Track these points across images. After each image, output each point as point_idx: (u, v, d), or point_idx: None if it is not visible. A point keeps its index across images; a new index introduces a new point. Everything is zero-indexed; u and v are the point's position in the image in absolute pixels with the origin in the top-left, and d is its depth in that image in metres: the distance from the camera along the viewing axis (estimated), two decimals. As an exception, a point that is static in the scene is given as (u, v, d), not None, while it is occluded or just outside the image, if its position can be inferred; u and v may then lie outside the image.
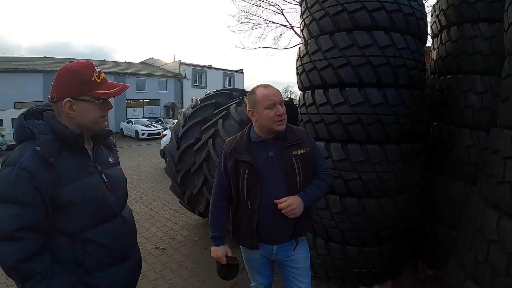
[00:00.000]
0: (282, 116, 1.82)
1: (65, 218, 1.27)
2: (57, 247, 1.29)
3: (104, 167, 1.47)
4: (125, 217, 1.51)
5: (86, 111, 1.33)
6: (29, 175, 1.17)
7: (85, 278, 1.34)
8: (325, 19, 2.79)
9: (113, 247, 1.40)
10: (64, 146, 1.30)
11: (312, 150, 1.96)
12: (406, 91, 2.69)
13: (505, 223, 1.60)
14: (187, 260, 4.00)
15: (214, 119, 4.14)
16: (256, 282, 2.20)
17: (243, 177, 1.85)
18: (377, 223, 2.76)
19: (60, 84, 1.32)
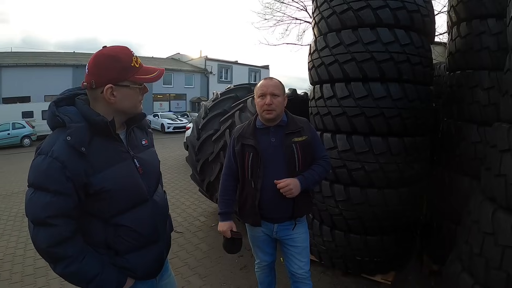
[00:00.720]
0: (269, 106, 2.00)
1: (97, 204, 1.30)
2: (89, 230, 1.32)
3: (137, 151, 1.46)
4: (156, 201, 1.51)
5: (126, 97, 1.33)
6: (61, 164, 1.18)
7: (115, 260, 1.37)
8: (332, 17, 2.94)
9: (142, 231, 1.41)
10: (95, 133, 1.28)
11: (311, 138, 2.14)
12: (409, 85, 2.79)
13: (499, 216, 1.63)
14: (203, 243, 4.29)
15: (231, 111, 4.35)
16: (260, 259, 2.43)
17: (248, 159, 2.07)
18: (379, 212, 2.88)
19: (101, 70, 1.27)
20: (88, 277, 1.29)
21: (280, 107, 2.04)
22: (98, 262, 1.31)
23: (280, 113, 2.07)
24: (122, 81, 1.30)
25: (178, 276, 3.42)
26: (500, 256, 1.57)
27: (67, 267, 1.25)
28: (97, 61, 1.29)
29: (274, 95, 2.01)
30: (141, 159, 1.46)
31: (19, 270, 3.69)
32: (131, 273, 1.42)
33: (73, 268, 1.25)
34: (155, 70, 1.39)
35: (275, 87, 2.04)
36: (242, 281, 3.35)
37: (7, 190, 7.70)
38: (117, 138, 1.37)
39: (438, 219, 3.26)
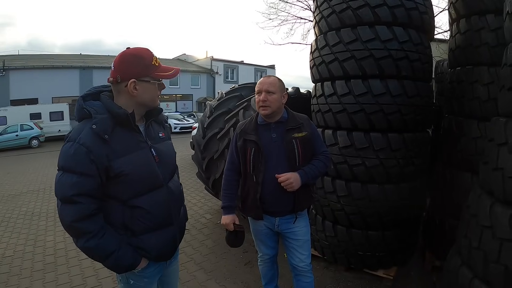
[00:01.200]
0: (264, 102, 2.09)
1: (117, 186, 1.44)
2: (109, 211, 1.47)
3: (154, 142, 1.61)
4: (170, 187, 1.64)
5: (146, 90, 1.49)
6: (86, 149, 1.34)
7: (132, 240, 1.51)
8: (332, 16, 3.00)
9: (157, 213, 1.54)
10: (117, 124, 1.44)
11: (311, 134, 2.21)
12: (408, 82, 2.83)
13: (497, 209, 1.64)
14: (208, 239, 4.39)
15: (236, 110, 4.42)
16: (262, 253, 2.50)
17: (250, 154, 2.15)
18: (380, 208, 2.92)
19: (126, 66, 1.45)
20: (105, 252, 1.43)
21: (275, 103, 2.10)
22: (116, 240, 1.46)
23: (276, 109, 2.12)
24: (143, 77, 1.47)
25: (184, 271, 3.51)
26: (498, 249, 1.58)
27: (88, 241, 1.39)
28: (123, 59, 1.47)
29: (269, 92, 2.09)
30: (157, 149, 1.61)
31: (28, 266, 3.80)
32: (146, 254, 1.56)
33: (92, 243, 1.39)
34: (172, 69, 1.57)
35: (270, 85, 2.11)
36: (246, 276, 3.41)
37: (16, 190, 7.87)
38: (136, 129, 1.53)
39: (440, 214, 3.28)
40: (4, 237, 4.75)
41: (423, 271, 3.38)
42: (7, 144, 17.46)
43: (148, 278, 1.64)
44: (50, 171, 10.23)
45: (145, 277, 1.62)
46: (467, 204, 2.09)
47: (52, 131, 19.97)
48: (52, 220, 5.42)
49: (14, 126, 18.07)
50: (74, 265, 3.77)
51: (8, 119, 18.84)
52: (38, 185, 8.33)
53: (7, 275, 3.58)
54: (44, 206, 6.34)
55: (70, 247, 4.22)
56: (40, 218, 5.60)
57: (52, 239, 4.60)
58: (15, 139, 17.75)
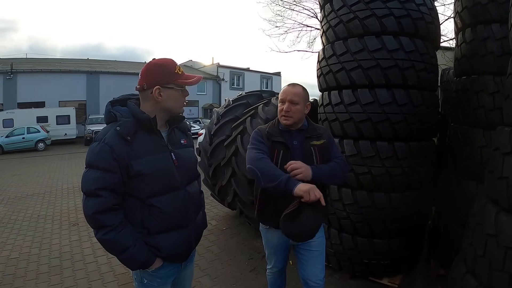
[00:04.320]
0: (286, 113, 2.04)
1: (136, 185, 1.54)
2: (129, 209, 1.57)
3: (175, 147, 1.70)
4: (188, 191, 1.71)
5: (171, 97, 1.60)
6: (110, 148, 1.46)
7: (147, 239, 1.59)
8: (339, 26, 3.04)
9: (173, 214, 1.62)
10: (140, 128, 1.56)
11: (328, 142, 2.17)
12: (414, 91, 2.86)
13: (502, 218, 1.65)
14: (214, 245, 4.39)
15: (243, 118, 4.46)
16: (272, 265, 2.43)
17: (278, 156, 2.05)
18: (385, 216, 2.94)
19: (151, 75, 1.58)
20: (122, 247, 1.52)
21: (298, 114, 2.06)
22: (133, 236, 1.55)
23: (298, 120, 2.08)
24: (167, 84, 1.59)
25: (189, 277, 3.53)
26: (502, 257, 1.58)
27: (106, 234, 1.49)
28: (149, 68, 1.61)
29: (293, 103, 2.04)
30: (177, 154, 1.70)
31: (34, 268, 3.83)
32: (159, 253, 1.63)
33: (110, 236, 1.49)
34: (194, 76, 1.69)
35: (294, 95, 2.06)
36: (251, 283, 3.41)
37: (22, 192, 7.94)
38: (158, 133, 1.64)
39: (446, 223, 3.28)
40: (10, 239, 4.80)
41: (428, 280, 3.36)
42: (14, 147, 17.66)
43: (161, 279, 1.70)
44: (56, 174, 10.32)
45: (158, 277, 1.69)
46: (472, 213, 2.09)
47: (58, 135, 20.15)
48: (58, 223, 5.47)
49: (21, 128, 18.25)
50: (79, 269, 3.80)
51: (15, 121, 19.03)
52: (44, 188, 8.39)
53: (12, 277, 3.62)
54: (50, 209, 6.39)
55: (76, 250, 4.27)
56: (46, 221, 5.64)
57: (57, 242, 4.62)
58: (22, 142, 17.94)
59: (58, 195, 7.58)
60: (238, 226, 5.03)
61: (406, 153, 2.88)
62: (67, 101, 23.39)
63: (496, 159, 1.81)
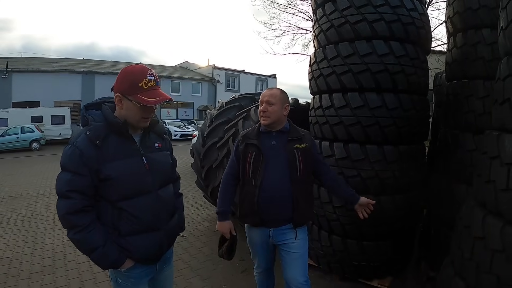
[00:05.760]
0: (263, 113, 2.18)
1: (107, 188, 1.56)
2: (101, 210, 1.60)
3: (148, 151, 1.71)
4: (160, 195, 1.72)
5: (129, 109, 1.59)
6: (80, 152, 1.50)
7: (118, 240, 1.61)
8: (331, 30, 3.07)
9: (143, 217, 1.63)
10: (112, 132, 1.58)
11: (311, 146, 2.29)
12: (404, 95, 2.89)
13: (489, 221, 1.66)
14: (205, 247, 4.42)
15: (235, 120, 4.48)
16: (257, 264, 2.49)
17: (251, 157, 2.20)
18: (375, 218, 2.90)
19: (119, 80, 1.59)
20: (91, 246, 1.56)
21: (274, 114, 2.17)
22: (103, 236, 1.57)
23: (276, 120, 2.19)
24: (127, 95, 1.58)
25: (181, 277, 3.56)
26: (489, 260, 1.60)
27: (76, 233, 1.53)
28: (121, 72, 1.61)
29: (269, 103, 2.16)
30: (150, 157, 1.71)
31: (27, 268, 3.83)
32: (130, 254, 1.65)
33: (80, 236, 1.54)
34: (159, 96, 1.61)
35: (270, 96, 2.19)
36: (242, 284, 3.43)
37: (15, 192, 7.91)
38: (130, 137, 1.65)
39: (436, 225, 3.30)
40: (3, 238, 4.79)
41: (418, 282, 3.38)
42: (8, 146, 17.54)
43: (135, 279, 1.72)
44: (50, 174, 10.26)
45: (131, 277, 1.71)
46: (460, 216, 2.11)
47: (53, 135, 20.00)
48: (51, 223, 5.45)
49: (15, 128, 18.14)
50: (72, 268, 3.80)
51: (10, 121, 18.91)
52: (38, 188, 8.37)
53: (5, 276, 3.62)
54: (44, 209, 6.38)
55: (69, 250, 4.25)
56: (40, 221, 5.63)
57: (50, 242, 4.62)
58: (16, 141, 17.83)
59: (52, 195, 7.54)
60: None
61: (395, 156, 2.91)
62: (62, 101, 23.30)
63: (484, 163, 1.83)
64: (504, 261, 1.55)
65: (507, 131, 1.67)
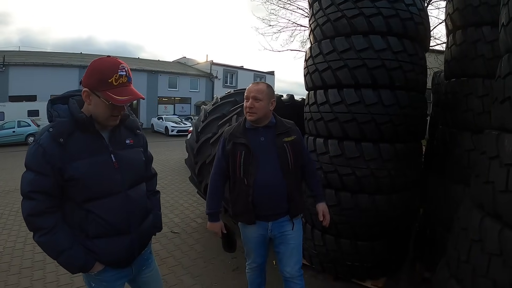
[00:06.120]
0: (250, 109, 2.14)
1: (72, 189, 1.46)
2: (67, 211, 1.50)
3: (118, 148, 1.58)
4: (130, 195, 1.60)
5: (97, 105, 1.46)
6: (43, 150, 1.39)
7: (86, 243, 1.51)
8: (327, 24, 2.99)
9: (111, 220, 1.52)
10: (78, 128, 1.45)
11: (299, 138, 2.29)
12: (401, 92, 2.82)
13: (486, 223, 1.62)
14: (197, 244, 4.36)
15: (229, 115, 4.41)
16: (251, 260, 2.46)
17: (240, 157, 2.15)
18: (369, 218, 2.90)
19: (87, 74, 1.45)
20: (57, 249, 1.47)
21: (261, 110, 2.13)
22: (68, 238, 1.48)
23: (263, 116, 2.16)
24: (96, 91, 1.45)
25: (171, 275, 3.51)
26: (486, 264, 1.55)
27: (41, 236, 1.45)
28: (90, 66, 1.48)
29: (256, 99, 2.12)
30: (119, 155, 1.59)
31: (17, 263, 3.77)
32: (98, 258, 1.55)
33: (45, 239, 1.45)
34: (131, 94, 1.49)
35: (257, 91, 2.15)
36: (233, 282, 3.38)
37: (10, 186, 7.81)
38: (97, 134, 1.52)
39: (432, 225, 3.26)
40: (-5, 233, 4.72)
41: (413, 282, 3.33)
42: (4, 140, 17.36)
43: (106, 283, 1.64)
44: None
45: (103, 281, 1.63)
46: (457, 216, 2.08)
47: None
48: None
49: (12, 122, 18.00)
50: (62, 264, 3.73)
51: (6, 115, 18.78)
52: (31, 183, 8.23)
53: (-5, 271, 3.56)
54: (36, 205, 6.27)
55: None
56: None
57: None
58: (12, 136, 17.67)
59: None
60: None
61: (391, 154, 2.84)
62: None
63: (483, 163, 1.79)
64: (501, 265, 1.50)
65: (507, 130, 1.62)
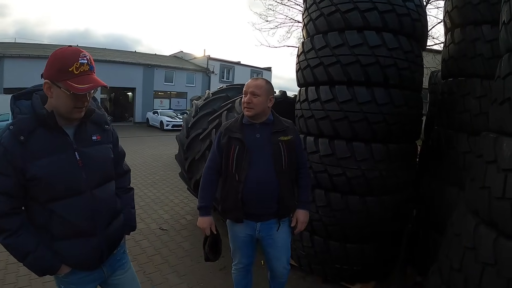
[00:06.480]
0: (248, 104, 2.10)
1: (35, 188, 1.39)
2: (31, 212, 1.45)
3: (83, 144, 1.51)
4: (96, 195, 1.53)
5: (59, 97, 1.39)
6: (4, 149, 1.32)
7: (51, 243, 1.46)
8: (320, 19, 2.89)
9: (75, 221, 1.46)
10: (40, 124, 1.39)
11: (295, 139, 2.24)
12: (396, 91, 2.73)
13: (481, 231, 1.57)
14: (186, 241, 4.27)
15: (219, 111, 4.33)
16: (238, 260, 2.41)
17: (234, 152, 2.12)
18: (360, 220, 2.82)
19: (48, 65, 1.38)
20: (22, 252, 1.42)
21: (259, 106, 2.09)
22: (34, 240, 1.42)
23: (260, 111, 2.12)
24: (57, 81, 1.37)
25: (157, 273, 3.44)
26: (480, 273, 1.50)
27: (6, 239, 1.39)
28: (50, 56, 1.40)
29: (254, 95, 2.09)
30: (84, 152, 1.50)
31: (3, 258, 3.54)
32: (64, 260, 1.50)
33: (10, 241, 1.39)
34: (92, 82, 1.40)
35: (256, 87, 2.11)
36: (219, 282, 3.30)
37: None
38: (61, 130, 1.44)
39: (424, 228, 3.20)
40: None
41: (403, 286, 3.26)
42: (-2, 133, 17.17)
43: (75, 285, 1.58)
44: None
45: (71, 283, 1.58)
46: (451, 222, 2.02)
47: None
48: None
49: (6, 114, 17.68)
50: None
51: (0, 107, 18.54)
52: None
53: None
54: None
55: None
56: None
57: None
58: (6, 128, 17.48)
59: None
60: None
61: (384, 155, 2.76)
62: (54, 88, 23.02)
63: (479, 167, 1.72)
64: (495, 275, 1.43)
65: (505, 134, 1.55)
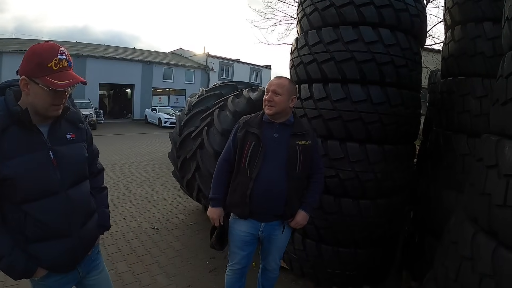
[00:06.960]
0: (268, 102, 2.08)
1: (8, 189, 1.35)
2: (5, 214, 1.39)
3: (57, 143, 1.47)
4: (70, 195, 1.51)
5: (36, 94, 1.35)
6: None
7: (26, 246, 1.42)
8: (314, 14, 2.79)
9: (49, 222, 1.43)
10: (13, 122, 1.34)
11: (313, 144, 2.20)
12: (392, 89, 2.62)
13: (480, 240, 1.48)
14: (177, 241, 4.18)
15: (212, 109, 4.26)
16: (234, 261, 2.34)
17: (249, 147, 2.10)
18: (353, 224, 2.73)
19: (24, 61, 1.36)
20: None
21: (280, 105, 2.07)
22: (8, 244, 1.38)
23: (281, 111, 2.09)
24: (35, 78, 1.33)
25: (146, 274, 3.36)
26: (477, 285, 1.42)
27: None
28: (27, 51, 1.37)
29: (275, 93, 2.06)
30: (58, 151, 1.46)
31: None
32: (39, 262, 1.46)
33: None
34: (71, 78, 1.38)
35: (278, 85, 2.08)
36: (209, 284, 3.21)
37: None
38: (34, 128, 1.39)
39: (421, 233, 3.11)
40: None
41: (397, 292, 3.18)
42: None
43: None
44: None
45: (48, 286, 1.55)
46: (448, 228, 1.93)
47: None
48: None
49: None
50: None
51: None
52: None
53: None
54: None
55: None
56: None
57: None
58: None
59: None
60: (205, 222, 4.76)
61: (379, 156, 2.65)
62: (52, 84, 22.95)
63: (479, 172, 1.62)
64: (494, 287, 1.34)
65: (508, 136, 1.45)
